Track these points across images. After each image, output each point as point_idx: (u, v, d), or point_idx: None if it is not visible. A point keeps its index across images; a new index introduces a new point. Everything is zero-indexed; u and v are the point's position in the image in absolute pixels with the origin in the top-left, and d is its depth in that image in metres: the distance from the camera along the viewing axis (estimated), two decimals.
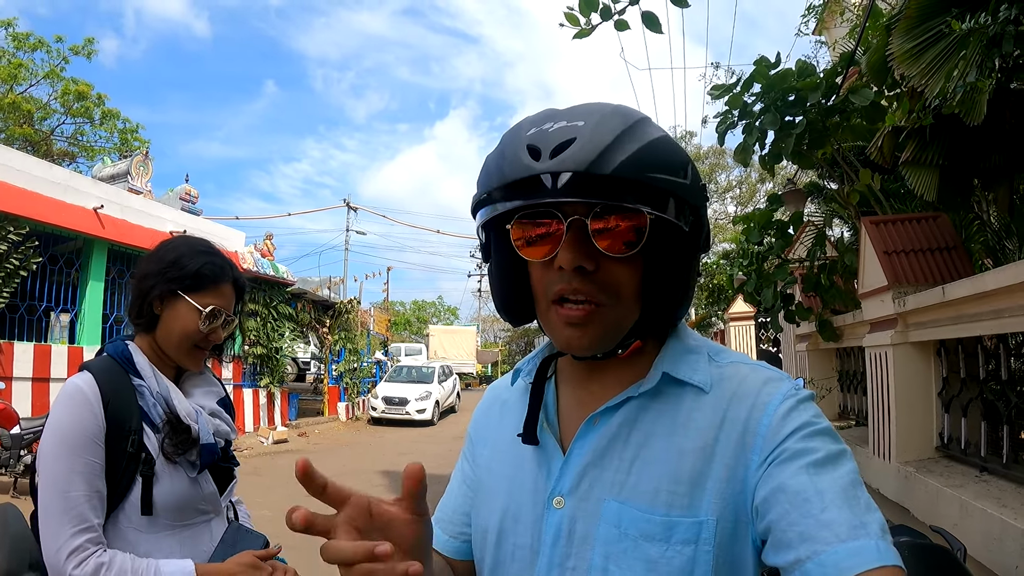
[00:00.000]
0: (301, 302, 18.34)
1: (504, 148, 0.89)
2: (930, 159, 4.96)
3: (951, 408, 4.41)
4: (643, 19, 4.10)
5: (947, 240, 4.80)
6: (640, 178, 0.83)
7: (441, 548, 1.13)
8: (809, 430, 0.86)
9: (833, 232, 9.36)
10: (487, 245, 1.00)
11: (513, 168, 0.85)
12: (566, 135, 0.83)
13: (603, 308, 0.89)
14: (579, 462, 0.95)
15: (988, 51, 3.88)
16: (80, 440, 1.52)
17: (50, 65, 23.27)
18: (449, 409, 23.67)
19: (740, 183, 36.08)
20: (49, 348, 10.56)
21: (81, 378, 1.60)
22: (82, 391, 1.56)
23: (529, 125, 0.89)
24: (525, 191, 0.85)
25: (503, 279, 0.99)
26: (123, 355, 1.68)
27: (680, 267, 0.93)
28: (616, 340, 0.94)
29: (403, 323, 50.77)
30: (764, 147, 5.93)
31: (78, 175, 12.58)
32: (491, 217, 0.92)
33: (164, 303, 1.69)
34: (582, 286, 0.87)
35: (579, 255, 0.86)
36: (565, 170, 0.81)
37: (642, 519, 0.88)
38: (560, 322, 0.91)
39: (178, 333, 1.69)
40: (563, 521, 0.93)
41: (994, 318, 3.60)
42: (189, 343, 1.71)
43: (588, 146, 0.82)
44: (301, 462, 0.71)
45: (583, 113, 0.87)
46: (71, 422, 1.53)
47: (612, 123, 0.85)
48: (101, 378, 1.60)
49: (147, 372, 1.68)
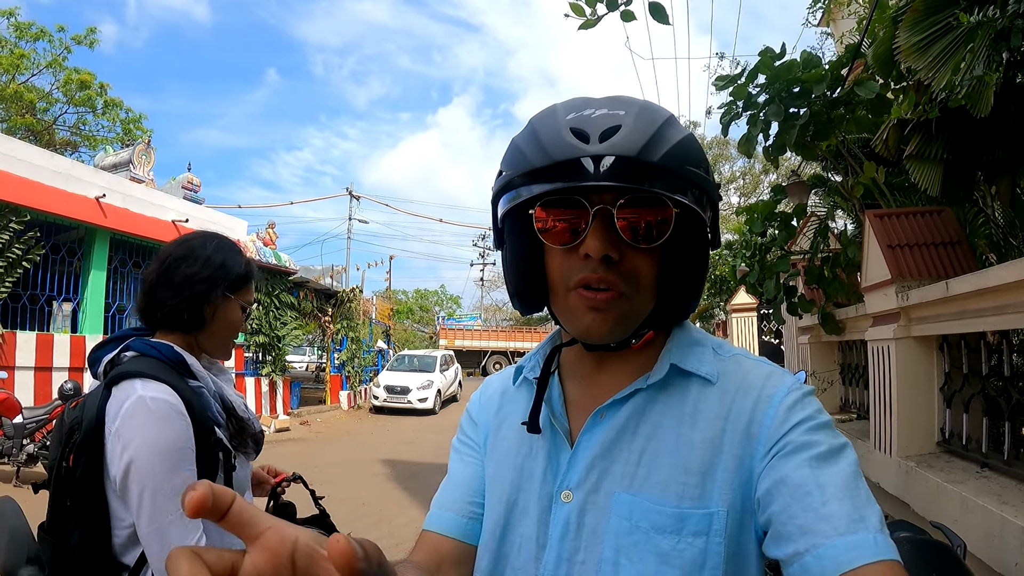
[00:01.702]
0: (303, 291, 18.39)
1: (541, 131, 0.90)
2: (934, 153, 4.95)
3: (953, 403, 4.41)
4: (650, 10, 4.08)
5: (951, 235, 4.78)
6: (679, 170, 0.86)
7: (451, 531, 1.05)
8: (812, 423, 0.87)
9: (836, 225, 9.35)
10: (501, 231, 1.00)
11: (559, 149, 0.85)
12: (612, 121, 0.86)
13: (624, 297, 0.89)
14: (587, 455, 0.95)
15: (996, 44, 3.85)
16: (183, 453, 1.53)
17: (52, 55, 23.23)
18: (451, 398, 23.78)
19: (744, 174, 36.07)
20: (51, 337, 10.57)
21: (159, 389, 1.56)
22: (172, 405, 1.55)
23: (566, 110, 0.90)
24: (566, 174, 0.85)
25: (519, 265, 0.98)
26: (175, 358, 1.66)
27: (697, 260, 0.95)
28: (631, 329, 0.94)
29: (405, 312, 50.77)
30: (768, 138, 5.90)
31: (80, 164, 12.55)
32: (516, 203, 0.92)
33: (215, 305, 1.73)
34: (607, 275, 0.87)
35: (606, 243, 0.86)
36: (616, 154, 0.83)
37: (654, 511, 0.88)
38: (582, 306, 0.90)
39: (224, 331, 1.77)
40: (572, 515, 0.93)
41: (997, 314, 3.59)
42: (232, 338, 1.82)
43: (636, 134, 0.84)
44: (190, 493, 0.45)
45: (620, 104, 0.90)
46: (172, 437, 1.52)
47: (652, 115, 0.88)
48: (174, 384, 1.59)
49: (201, 373, 1.69)
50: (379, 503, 8.43)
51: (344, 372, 21.16)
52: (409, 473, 10.52)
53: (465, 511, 1.08)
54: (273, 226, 18.49)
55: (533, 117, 0.94)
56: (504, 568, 0.99)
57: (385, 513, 7.87)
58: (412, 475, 10.34)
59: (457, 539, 1.05)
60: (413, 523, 7.39)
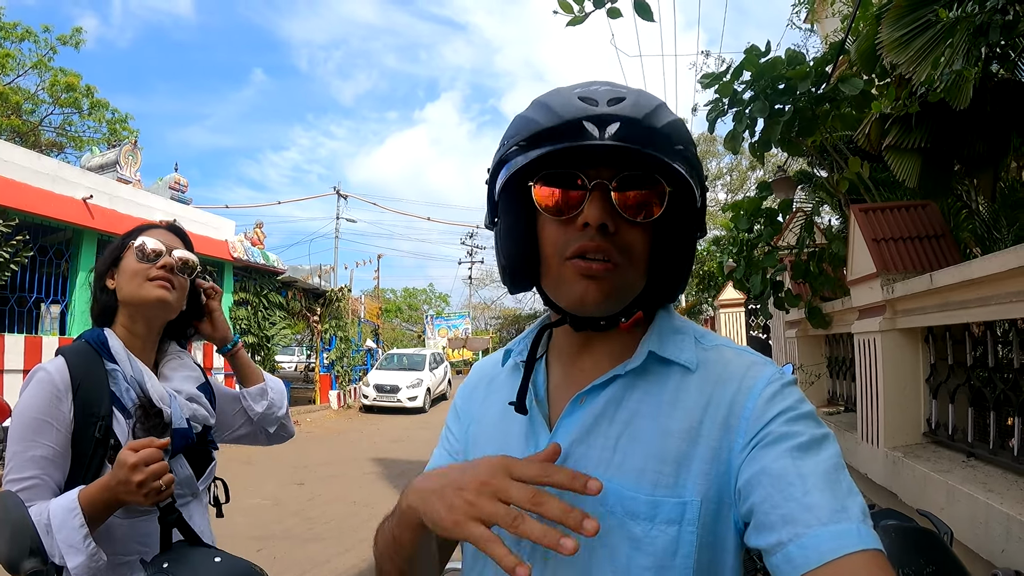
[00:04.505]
0: (292, 290, 18.33)
1: (550, 99, 0.93)
2: (913, 144, 5.00)
3: (938, 394, 4.45)
4: (635, 7, 4.10)
5: (935, 228, 4.82)
6: (677, 144, 0.90)
7: None
8: (793, 414, 0.87)
9: (822, 220, 9.40)
10: (495, 207, 1.02)
11: (568, 109, 0.89)
12: (617, 93, 0.90)
13: (619, 268, 0.91)
14: (565, 440, 0.96)
15: (975, 40, 3.90)
16: (40, 426, 1.56)
17: (38, 55, 23.02)
18: (440, 396, 23.74)
19: (730, 170, 36.13)
20: (40, 340, 10.52)
21: (52, 363, 1.63)
22: (50, 376, 1.60)
23: (571, 87, 0.94)
24: (571, 135, 0.88)
25: (513, 238, 0.99)
26: (98, 340, 1.71)
27: (686, 241, 0.97)
28: (622, 304, 0.96)
29: (394, 311, 50.61)
30: (754, 135, 5.92)
31: (67, 165, 12.48)
32: (512, 175, 0.94)
33: (113, 275, 1.79)
34: (603, 243, 0.90)
35: (604, 212, 0.89)
36: (623, 115, 0.87)
37: (627, 497, 0.89)
38: (576, 274, 0.92)
39: (127, 279, 1.77)
40: None
41: (981, 305, 3.62)
42: (140, 279, 1.76)
43: (641, 102, 0.89)
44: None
45: (621, 86, 0.94)
46: (34, 406, 1.57)
47: (651, 96, 0.92)
48: (73, 362, 1.64)
49: (121, 356, 1.70)
50: (370, 502, 8.44)
51: (333, 372, 21.10)
52: (399, 471, 10.52)
53: None
54: (261, 226, 18.43)
55: (538, 96, 0.97)
56: None
57: (376, 511, 7.85)
58: (402, 473, 10.35)
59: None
60: None
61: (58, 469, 1.58)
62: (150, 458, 1.47)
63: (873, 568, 0.74)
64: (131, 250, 1.78)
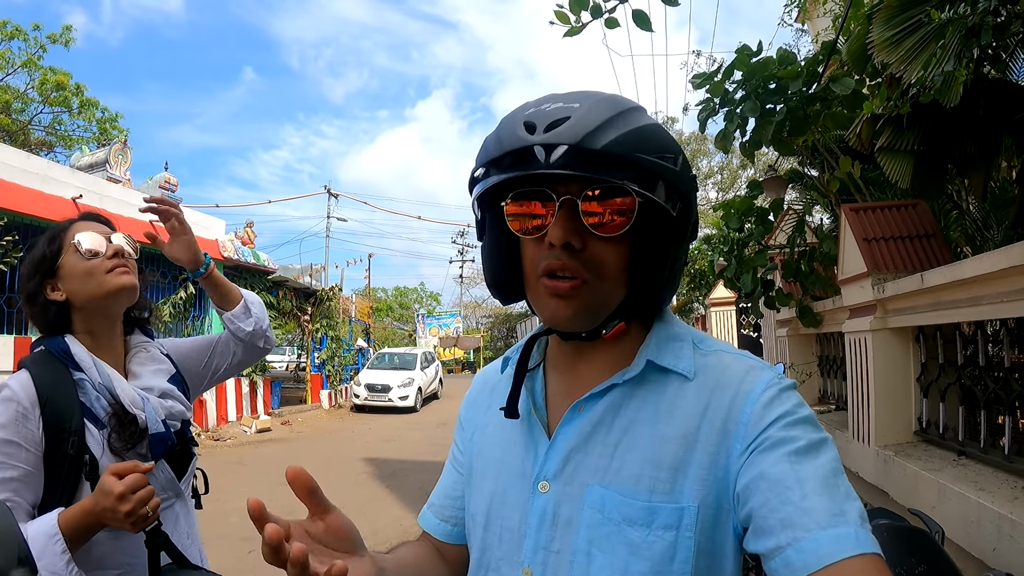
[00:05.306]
0: (282, 290, 18.29)
1: (502, 125, 0.92)
2: (905, 145, 5.01)
3: (929, 393, 4.47)
4: (634, 18, 4.09)
5: (926, 228, 4.84)
6: (630, 156, 0.86)
7: (432, 531, 1.17)
8: (791, 419, 0.87)
9: (813, 219, 9.40)
10: (482, 223, 1.02)
11: (510, 140, 0.88)
12: (562, 113, 0.87)
13: (587, 285, 0.91)
14: (564, 447, 0.97)
15: (967, 41, 3.91)
16: (7, 447, 1.49)
17: (27, 54, 22.91)
18: (432, 395, 23.70)
19: (721, 169, 36.15)
20: (29, 341, 10.40)
21: (15, 379, 1.56)
22: (14, 393, 1.52)
23: (529, 106, 0.93)
24: (521, 163, 0.87)
25: (496, 256, 1.01)
26: (60, 348, 1.64)
27: (666, 252, 0.95)
28: (600, 319, 0.96)
29: (385, 310, 50.56)
30: (745, 134, 5.92)
31: (56, 165, 12.42)
32: (487, 195, 0.95)
33: (55, 286, 1.70)
34: (569, 262, 0.90)
35: (568, 232, 0.89)
36: (558, 143, 0.84)
37: (624, 504, 0.90)
38: (546, 293, 0.93)
39: (81, 281, 1.69)
40: (548, 505, 0.95)
41: (972, 305, 3.64)
42: (99, 275, 1.70)
43: (581, 123, 0.85)
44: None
45: (580, 97, 0.90)
46: (0, 425, 1.49)
47: (605, 106, 0.88)
48: (38, 376, 1.56)
49: (87, 363, 1.64)
50: (362, 501, 8.43)
51: (324, 371, 21.04)
52: (391, 471, 10.51)
53: (444, 515, 1.17)
54: (251, 225, 18.35)
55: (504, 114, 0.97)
56: (490, 558, 1.02)
57: (368, 511, 7.87)
58: (394, 473, 10.34)
59: (440, 540, 1.16)
60: (396, 521, 7.40)
61: (31, 491, 1.50)
62: (136, 485, 1.41)
63: (871, 572, 0.74)
64: (69, 254, 1.70)
